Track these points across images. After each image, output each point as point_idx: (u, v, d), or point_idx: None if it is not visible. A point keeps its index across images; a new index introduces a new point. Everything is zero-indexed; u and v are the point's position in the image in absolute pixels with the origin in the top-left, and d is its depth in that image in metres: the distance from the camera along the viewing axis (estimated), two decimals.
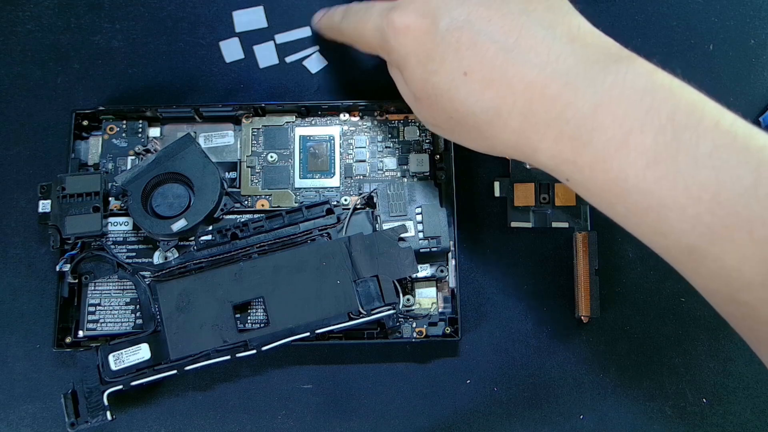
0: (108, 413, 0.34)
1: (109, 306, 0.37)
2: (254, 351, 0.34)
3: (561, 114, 0.26)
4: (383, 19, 0.30)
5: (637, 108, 0.24)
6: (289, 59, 0.42)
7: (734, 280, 0.23)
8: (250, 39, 0.42)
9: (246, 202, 0.39)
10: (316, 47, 0.42)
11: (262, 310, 0.36)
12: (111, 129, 0.39)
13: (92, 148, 0.39)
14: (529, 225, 0.39)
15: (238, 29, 0.42)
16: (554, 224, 0.39)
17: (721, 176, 0.23)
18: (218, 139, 0.40)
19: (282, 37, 0.42)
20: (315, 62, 0.42)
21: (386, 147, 0.39)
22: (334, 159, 0.39)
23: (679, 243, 0.24)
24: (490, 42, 0.27)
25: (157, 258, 0.37)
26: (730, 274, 0.23)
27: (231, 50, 0.42)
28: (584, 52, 0.26)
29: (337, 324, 0.35)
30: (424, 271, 0.37)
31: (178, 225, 0.36)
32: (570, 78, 0.26)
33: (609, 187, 0.25)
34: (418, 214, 0.36)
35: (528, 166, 0.40)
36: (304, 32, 0.42)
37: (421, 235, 0.36)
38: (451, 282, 0.38)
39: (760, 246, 0.22)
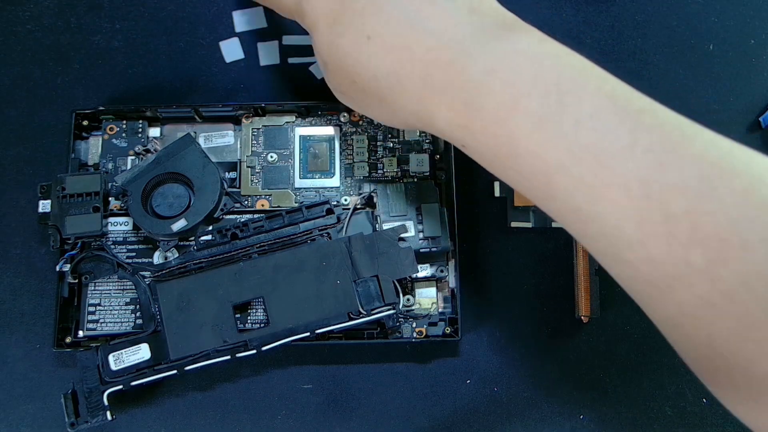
0: (108, 413, 0.34)
1: (109, 306, 0.37)
2: (254, 351, 0.34)
3: (455, 80, 0.26)
4: None
5: (526, 74, 0.25)
6: (291, 61, 0.42)
7: (617, 239, 0.24)
8: (250, 39, 0.42)
9: (246, 202, 0.39)
10: None
11: (262, 310, 0.36)
12: (111, 129, 0.39)
13: (92, 148, 0.39)
14: (529, 225, 0.39)
15: (237, 29, 0.42)
16: (554, 224, 0.39)
17: (600, 137, 0.23)
18: (218, 139, 0.40)
19: (289, 40, 0.42)
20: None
21: (386, 147, 0.39)
22: (334, 159, 0.39)
23: (566, 204, 0.25)
24: (394, 8, 0.28)
25: (157, 258, 0.37)
26: (613, 233, 0.24)
27: (231, 50, 0.42)
28: (481, 22, 0.27)
29: (337, 324, 0.35)
30: (424, 271, 0.37)
31: (178, 225, 0.36)
32: (465, 46, 0.26)
33: (500, 151, 0.26)
34: (418, 214, 0.36)
35: None
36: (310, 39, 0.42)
37: (421, 235, 0.36)
38: (451, 282, 0.38)
39: (637, 203, 0.23)
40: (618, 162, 0.23)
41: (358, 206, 0.38)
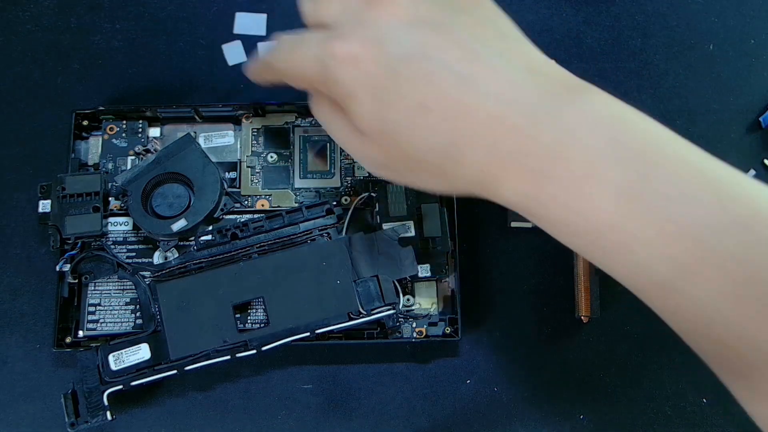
0: (108, 413, 0.34)
1: (109, 306, 0.37)
2: (254, 351, 0.34)
3: (524, 148, 0.25)
4: (323, 49, 0.27)
5: (601, 141, 0.24)
6: None
7: (707, 315, 0.23)
8: (250, 40, 0.42)
9: (246, 202, 0.39)
10: None
11: (262, 310, 0.36)
12: (111, 129, 0.39)
13: (92, 148, 0.39)
14: (529, 225, 0.39)
15: (237, 30, 0.42)
16: None
17: (690, 211, 0.22)
18: (218, 139, 0.40)
19: None
20: None
21: None
22: (334, 159, 0.39)
23: (650, 278, 0.24)
24: (447, 72, 0.25)
25: (157, 258, 0.37)
26: (703, 310, 0.23)
27: (233, 53, 0.42)
28: (543, 83, 0.25)
29: (337, 324, 0.35)
30: (424, 271, 0.37)
31: (178, 225, 0.36)
32: (531, 110, 0.25)
33: (575, 222, 0.25)
34: (418, 214, 0.36)
35: None
36: None
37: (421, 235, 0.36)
38: (451, 282, 0.38)
39: (732, 280, 0.22)
40: (711, 237, 0.22)
41: (358, 206, 0.38)
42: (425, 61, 0.25)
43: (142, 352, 0.34)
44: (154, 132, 0.40)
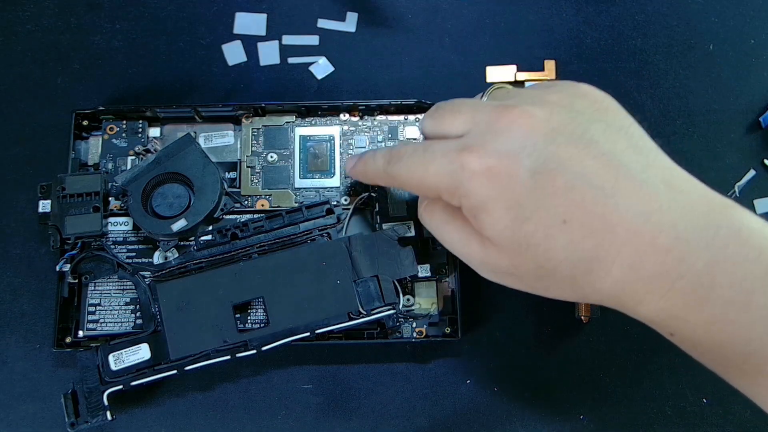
0: (108, 413, 0.34)
1: (109, 306, 0.37)
2: (254, 351, 0.34)
3: (672, 270, 0.24)
4: (454, 162, 0.27)
5: (756, 267, 0.24)
6: (291, 61, 0.42)
7: None
8: (250, 39, 0.42)
9: (246, 202, 0.39)
10: (323, 56, 0.42)
11: (262, 310, 0.36)
12: (111, 129, 0.39)
13: (92, 148, 0.39)
14: None
15: (237, 30, 0.42)
16: None
17: None
18: (218, 139, 0.40)
19: (288, 39, 0.42)
20: (322, 68, 0.42)
21: (386, 147, 0.39)
22: (334, 159, 0.39)
23: None
24: (588, 186, 0.25)
25: (157, 258, 0.37)
26: None
27: (233, 53, 0.42)
28: (687, 201, 0.25)
29: (337, 324, 0.35)
30: (424, 271, 0.37)
31: (178, 225, 0.36)
32: (679, 231, 0.24)
33: (725, 347, 0.25)
34: (418, 214, 0.36)
35: None
36: (311, 39, 0.42)
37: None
38: (451, 282, 0.38)
39: None
40: None
41: (359, 206, 0.38)
42: (565, 175, 0.25)
43: (142, 352, 0.34)
44: (154, 132, 0.40)
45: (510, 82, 0.41)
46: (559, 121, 0.26)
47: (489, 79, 0.42)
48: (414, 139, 0.39)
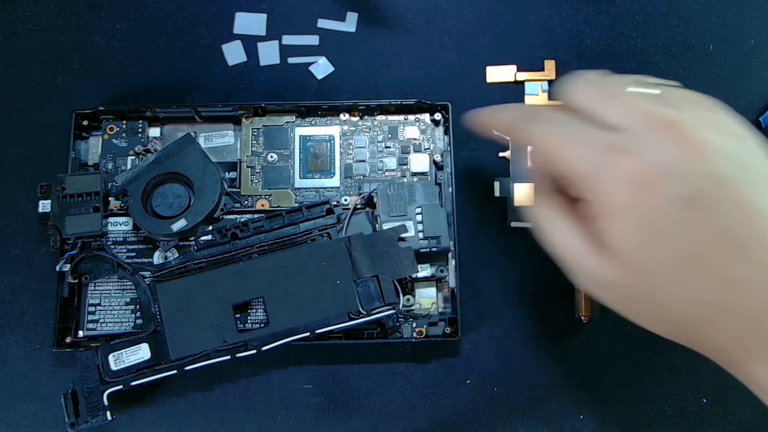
0: (108, 413, 0.34)
1: (109, 306, 0.37)
2: (254, 351, 0.34)
3: None
4: (602, 156, 0.25)
5: None
6: (291, 61, 0.42)
7: None
8: (250, 39, 0.42)
9: (246, 202, 0.39)
10: (323, 57, 0.42)
11: (262, 310, 0.36)
12: (111, 129, 0.39)
13: (92, 148, 0.39)
14: (529, 225, 0.39)
15: (237, 30, 0.42)
16: None
17: None
18: (218, 139, 0.40)
19: (288, 39, 0.42)
20: (321, 68, 0.42)
21: (386, 147, 0.39)
22: (334, 159, 0.39)
23: None
24: (731, 233, 0.23)
25: (157, 258, 0.37)
26: None
27: (233, 53, 0.42)
28: None
29: (337, 324, 0.35)
30: (424, 271, 0.37)
31: (178, 225, 0.36)
32: None
33: None
34: (418, 214, 0.36)
35: (528, 166, 0.40)
36: (311, 39, 0.42)
37: (421, 235, 0.36)
38: (451, 282, 0.38)
39: None
40: None
41: (358, 206, 0.38)
42: (719, 217, 0.23)
43: (142, 352, 0.34)
44: (154, 132, 0.40)
45: (510, 83, 0.41)
46: (731, 160, 0.24)
47: (489, 80, 0.42)
48: (415, 139, 0.39)
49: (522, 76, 0.41)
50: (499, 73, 0.42)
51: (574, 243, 0.27)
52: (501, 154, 0.40)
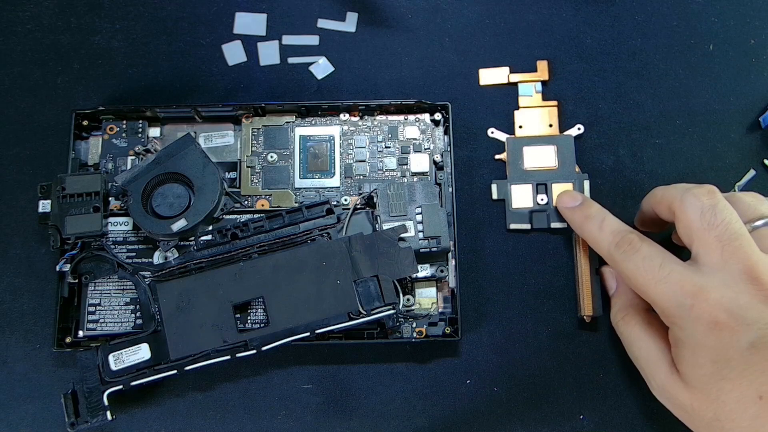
0: (108, 413, 0.34)
1: (109, 306, 0.37)
2: (254, 351, 0.34)
3: None
4: (686, 298, 0.29)
5: None
6: (291, 61, 0.42)
7: None
8: (250, 39, 0.42)
9: (246, 202, 0.39)
10: (323, 57, 0.42)
11: (262, 310, 0.36)
12: (111, 129, 0.39)
13: (92, 148, 0.39)
14: (527, 227, 0.39)
15: (237, 30, 0.42)
16: (553, 225, 0.39)
17: None
18: (218, 139, 0.40)
19: (288, 39, 0.42)
20: (321, 68, 0.42)
21: (386, 147, 0.39)
22: (334, 159, 0.39)
23: None
24: None
25: (157, 258, 0.37)
26: None
27: (233, 53, 0.42)
28: None
29: (337, 324, 0.35)
30: (424, 271, 0.37)
31: (178, 225, 0.36)
32: None
33: None
34: (418, 214, 0.36)
35: (525, 168, 0.40)
36: (311, 39, 0.42)
37: (421, 235, 0.36)
38: (451, 282, 0.38)
39: None
40: None
41: (358, 206, 0.38)
42: None
43: (142, 352, 0.34)
44: (154, 132, 0.40)
45: (503, 84, 0.41)
46: None
47: (482, 82, 0.41)
48: (415, 139, 0.39)
49: (515, 77, 0.41)
50: (492, 75, 0.42)
51: (653, 360, 0.31)
52: (497, 156, 0.40)
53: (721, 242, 0.29)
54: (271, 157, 0.39)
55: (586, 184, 0.39)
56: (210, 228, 0.37)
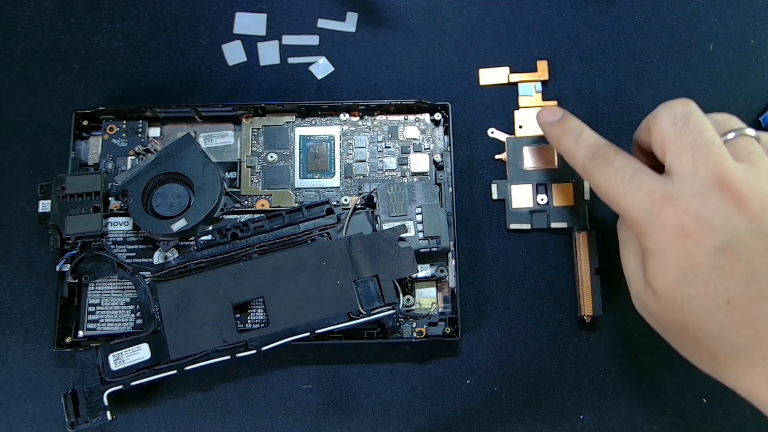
0: (108, 413, 0.34)
1: (109, 306, 0.37)
2: (254, 351, 0.34)
3: None
4: (654, 205, 0.28)
5: None
6: (291, 61, 0.42)
7: None
8: (250, 39, 0.42)
9: (246, 202, 0.39)
10: (323, 57, 0.42)
11: (262, 310, 0.36)
12: (111, 129, 0.39)
13: (92, 148, 0.39)
14: (527, 226, 0.39)
15: (237, 30, 0.42)
16: (553, 225, 0.39)
17: None
18: (218, 139, 0.40)
19: (288, 39, 0.42)
20: (321, 68, 0.42)
21: (386, 147, 0.39)
22: (334, 159, 0.39)
23: None
24: (767, 284, 0.25)
25: (157, 258, 0.37)
26: None
27: (233, 53, 0.42)
28: None
29: (337, 324, 0.35)
30: (424, 271, 0.37)
31: (178, 225, 0.36)
32: None
33: None
34: (418, 214, 0.36)
35: (525, 167, 0.40)
36: (311, 39, 0.42)
37: (421, 235, 0.36)
38: (451, 282, 0.38)
39: None
40: None
41: (358, 206, 0.38)
42: (750, 265, 0.26)
43: (142, 352, 0.34)
44: (154, 132, 0.40)
45: (503, 84, 0.41)
46: None
47: (482, 82, 0.41)
48: (415, 139, 0.39)
49: (515, 77, 0.41)
50: (492, 75, 0.42)
51: (632, 268, 0.30)
52: (497, 156, 0.40)
53: (692, 149, 0.28)
54: (271, 157, 0.39)
55: (586, 184, 0.39)
56: (210, 228, 0.37)
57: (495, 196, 0.40)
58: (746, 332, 0.25)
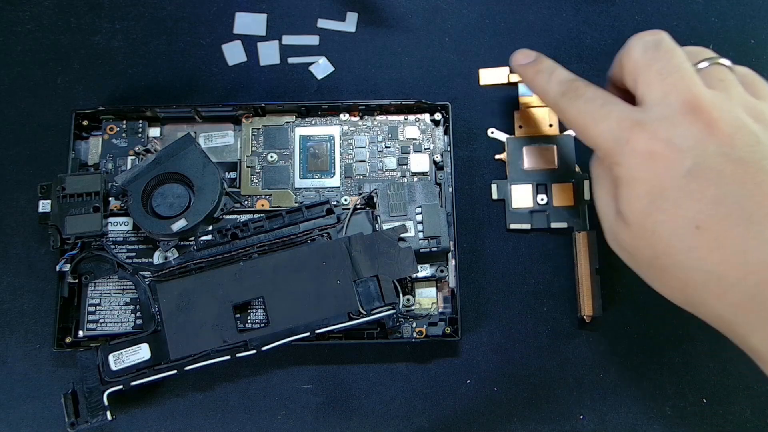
0: (108, 413, 0.34)
1: (109, 306, 0.37)
2: (254, 351, 0.34)
3: None
4: (623, 132, 0.27)
5: None
6: (291, 61, 0.42)
7: None
8: (250, 39, 0.42)
9: (246, 202, 0.39)
10: (323, 57, 0.42)
11: (262, 310, 0.36)
12: (111, 129, 0.39)
13: (92, 148, 0.39)
14: (527, 226, 0.39)
15: (237, 30, 0.42)
16: (553, 225, 0.39)
17: None
18: (218, 139, 0.40)
19: (288, 39, 0.42)
20: (321, 68, 0.42)
21: (386, 147, 0.39)
22: (334, 159, 0.39)
23: None
24: (737, 207, 0.25)
25: (157, 258, 0.37)
26: None
27: (233, 53, 0.42)
28: None
29: (337, 324, 0.35)
30: (424, 271, 0.37)
31: (178, 225, 0.36)
32: None
33: None
34: (418, 214, 0.36)
35: (525, 167, 0.40)
36: (311, 39, 0.42)
37: (421, 235, 0.36)
38: (451, 282, 0.38)
39: None
40: None
41: (358, 206, 0.38)
42: (719, 188, 0.25)
43: (142, 352, 0.34)
44: (154, 132, 0.40)
45: (503, 84, 0.41)
46: (754, 145, 0.26)
47: (482, 83, 0.41)
48: (415, 139, 0.39)
49: (515, 77, 0.41)
50: (492, 75, 0.42)
51: (605, 203, 0.30)
52: (497, 156, 0.40)
53: (662, 75, 0.28)
54: (271, 157, 0.39)
55: (586, 184, 0.39)
56: (210, 228, 0.37)
57: (495, 196, 0.40)
58: (716, 257, 0.25)
